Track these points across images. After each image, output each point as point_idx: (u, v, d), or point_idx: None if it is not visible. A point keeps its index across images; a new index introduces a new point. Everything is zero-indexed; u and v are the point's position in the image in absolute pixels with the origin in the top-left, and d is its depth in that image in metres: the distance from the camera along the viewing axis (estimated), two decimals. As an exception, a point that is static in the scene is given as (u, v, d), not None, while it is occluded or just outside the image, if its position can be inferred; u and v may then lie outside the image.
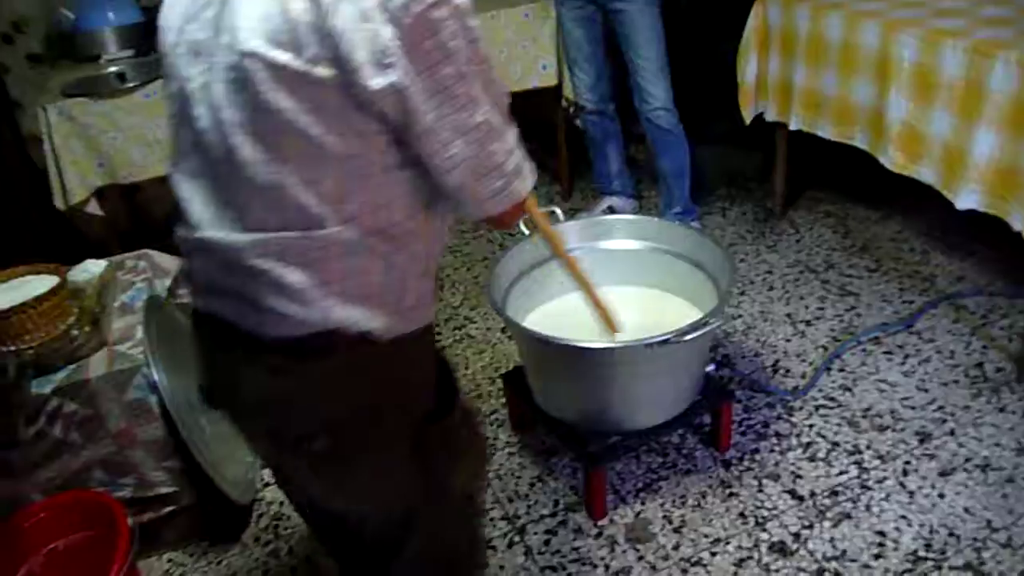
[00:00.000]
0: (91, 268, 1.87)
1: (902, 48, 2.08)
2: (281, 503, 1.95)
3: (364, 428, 1.02)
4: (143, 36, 2.84)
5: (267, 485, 2.01)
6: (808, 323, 2.35)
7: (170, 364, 1.75)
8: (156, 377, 1.68)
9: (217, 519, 1.86)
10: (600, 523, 1.79)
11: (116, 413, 1.68)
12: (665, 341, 1.57)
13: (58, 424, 1.65)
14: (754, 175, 3.17)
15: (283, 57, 0.82)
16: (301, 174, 0.87)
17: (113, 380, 1.66)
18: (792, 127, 2.56)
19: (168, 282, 2.02)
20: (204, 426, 1.82)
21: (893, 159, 2.19)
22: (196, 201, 0.95)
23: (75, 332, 1.68)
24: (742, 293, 2.52)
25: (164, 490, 1.77)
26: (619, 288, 1.97)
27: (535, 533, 1.79)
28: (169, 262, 2.08)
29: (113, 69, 2.72)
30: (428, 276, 1.03)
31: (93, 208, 2.59)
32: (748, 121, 2.69)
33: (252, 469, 2.02)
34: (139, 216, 3.22)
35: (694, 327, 1.60)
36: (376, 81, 0.83)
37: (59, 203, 2.52)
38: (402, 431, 1.07)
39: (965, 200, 2.01)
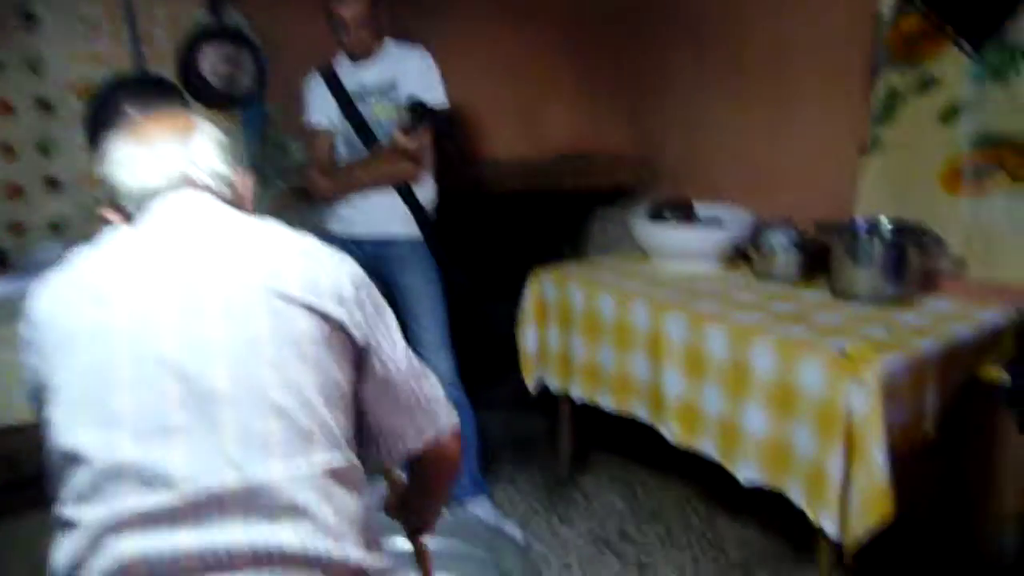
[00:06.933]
0: None
1: (671, 328, 2.20)
2: None
3: None
4: None
5: None
6: (611, 608, 2.21)
7: None
8: None
9: None
10: None
11: None
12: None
13: None
14: (541, 439, 3.13)
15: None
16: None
17: None
18: (575, 397, 2.58)
19: None
20: None
21: (674, 433, 2.23)
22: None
23: None
24: (540, 577, 2.35)
25: None
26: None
27: None
28: None
29: None
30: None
31: None
32: (533, 391, 2.68)
33: None
34: None
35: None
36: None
37: None
38: None
39: (746, 473, 2.05)
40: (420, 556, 1.51)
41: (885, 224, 2.35)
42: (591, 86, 3.27)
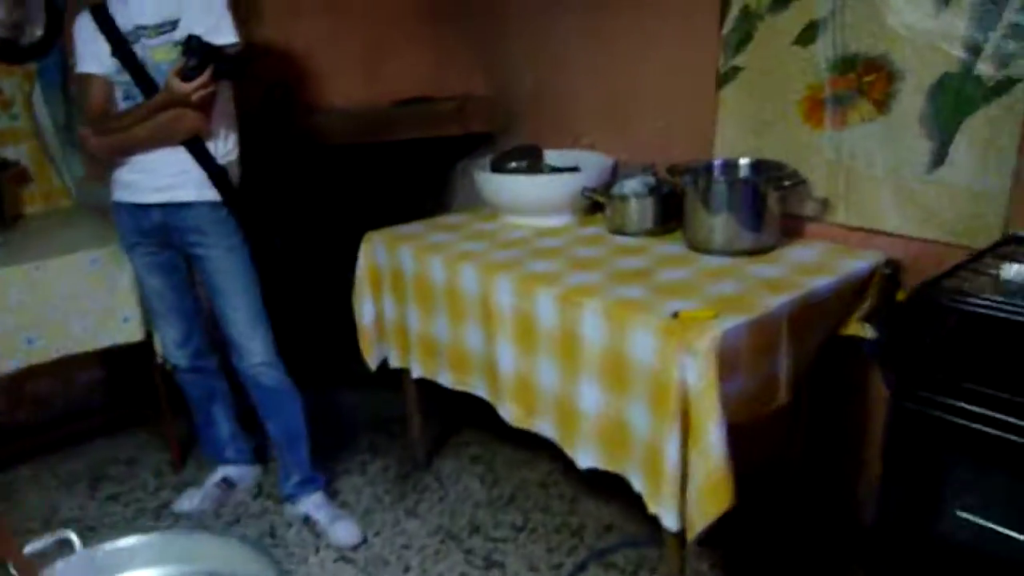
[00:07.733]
0: None
1: (501, 293, 1.91)
2: None
3: None
4: None
5: None
6: (446, 614, 1.95)
7: None
8: None
9: None
10: None
11: None
12: None
13: None
14: (400, 419, 2.84)
15: None
16: None
17: None
18: (415, 375, 2.28)
19: None
20: None
21: (511, 412, 1.96)
22: None
23: None
24: (371, 582, 2.07)
25: None
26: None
27: None
28: None
29: None
30: None
31: None
32: (373, 367, 2.38)
33: None
34: None
35: None
36: None
37: None
38: None
39: (584, 457, 1.79)
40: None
41: (743, 165, 2.08)
42: (439, 24, 2.92)
